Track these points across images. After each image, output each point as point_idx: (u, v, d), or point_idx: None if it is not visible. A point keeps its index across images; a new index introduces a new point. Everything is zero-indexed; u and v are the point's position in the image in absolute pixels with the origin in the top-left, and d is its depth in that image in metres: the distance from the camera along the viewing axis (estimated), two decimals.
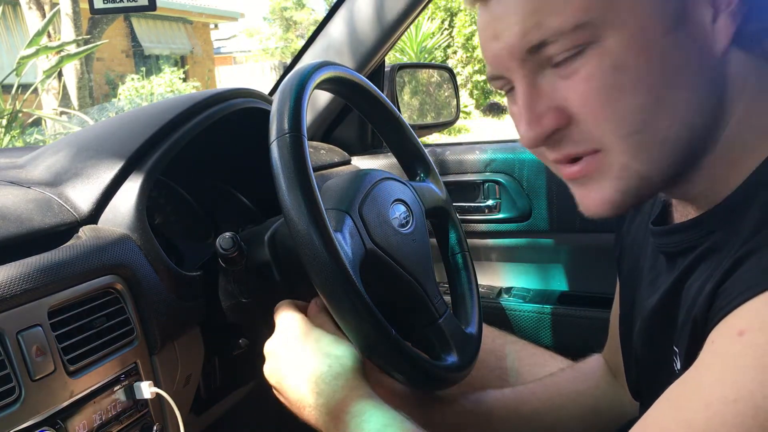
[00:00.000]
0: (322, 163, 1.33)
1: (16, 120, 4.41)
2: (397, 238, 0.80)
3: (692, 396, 0.43)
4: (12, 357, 0.62)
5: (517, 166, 1.28)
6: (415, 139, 0.98)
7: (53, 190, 0.84)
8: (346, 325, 0.69)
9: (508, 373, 0.96)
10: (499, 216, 1.31)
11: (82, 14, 6.29)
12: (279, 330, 0.75)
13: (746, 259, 0.44)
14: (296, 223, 0.66)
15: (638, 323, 0.66)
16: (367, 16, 1.32)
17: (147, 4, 1.07)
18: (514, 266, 1.35)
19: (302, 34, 21.20)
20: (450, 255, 0.96)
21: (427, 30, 10.29)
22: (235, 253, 0.81)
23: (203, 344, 0.92)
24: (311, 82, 0.76)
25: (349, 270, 0.67)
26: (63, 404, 0.66)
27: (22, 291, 0.64)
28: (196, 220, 1.08)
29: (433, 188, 0.95)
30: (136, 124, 0.94)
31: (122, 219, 0.81)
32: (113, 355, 0.73)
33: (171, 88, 9.95)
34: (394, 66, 1.49)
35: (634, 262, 0.70)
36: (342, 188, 0.81)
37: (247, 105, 1.02)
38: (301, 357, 0.70)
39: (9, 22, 9.08)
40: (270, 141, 0.70)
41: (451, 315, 0.84)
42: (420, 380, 0.76)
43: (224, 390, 1.04)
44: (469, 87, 10.97)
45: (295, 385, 0.70)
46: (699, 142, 0.49)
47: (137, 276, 0.78)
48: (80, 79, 6.37)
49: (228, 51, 22.19)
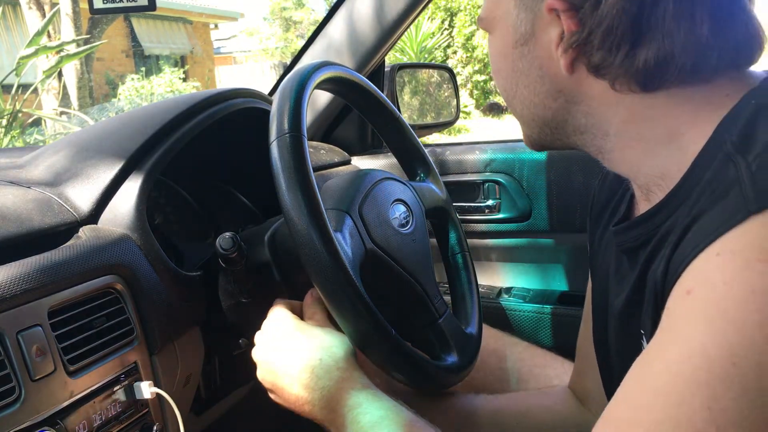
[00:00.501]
0: (322, 163, 1.33)
1: (16, 120, 4.41)
2: (397, 238, 0.80)
3: (654, 362, 0.44)
4: (12, 357, 0.62)
5: (517, 166, 1.28)
6: (415, 139, 0.98)
7: (53, 190, 0.84)
8: (345, 325, 0.69)
9: (509, 375, 0.96)
10: (499, 216, 1.31)
11: (82, 14, 6.29)
12: (265, 332, 0.75)
13: (692, 226, 0.47)
14: (296, 223, 0.66)
15: (611, 325, 0.66)
16: (367, 16, 1.32)
17: (147, 4, 1.07)
18: (514, 266, 1.35)
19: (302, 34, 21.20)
20: (450, 255, 0.96)
21: (427, 30, 10.28)
22: (235, 253, 0.81)
23: (203, 344, 0.92)
24: (311, 82, 0.76)
25: (349, 270, 0.67)
26: (63, 404, 0.66)
27: (22, 291, 0.64)
28: (196, 220, 1.08)
29: (433, 188, 0.95)
30: (136, 124, 0.94)
31: (122, 219, 0.81)
32: (113, 355, 0.73)
33: (171, 88, 9.95)
34: (394, 66, 1.49)
35: (605, 268, 0.71)
36: (342, 188, 0.81)
37: (247, 105, 1.02)
38: (291, 354, 0.70)
39: (9, 22, 9.08)
40: (270, 141, 0.70)
41: (451, 315, 0.84)
42: (420, 380, 0.76)
43: (224, 390, 1.04)
44: (469, 87, 10.98)
45: (288, 383, 0.70)
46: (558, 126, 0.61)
47: (137, 276, 0.78)
48: (80, 79, 6.37)
49: (228, 51, 22.19)
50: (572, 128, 0.60)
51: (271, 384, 0.73)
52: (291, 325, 0.73)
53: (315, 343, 0.70)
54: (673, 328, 0.44)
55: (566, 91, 0.58)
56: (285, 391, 0.70)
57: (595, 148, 0.61)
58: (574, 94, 0.57)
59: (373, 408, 0.64)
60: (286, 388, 0.70)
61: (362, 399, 0.66)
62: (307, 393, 0.68)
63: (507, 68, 0.61)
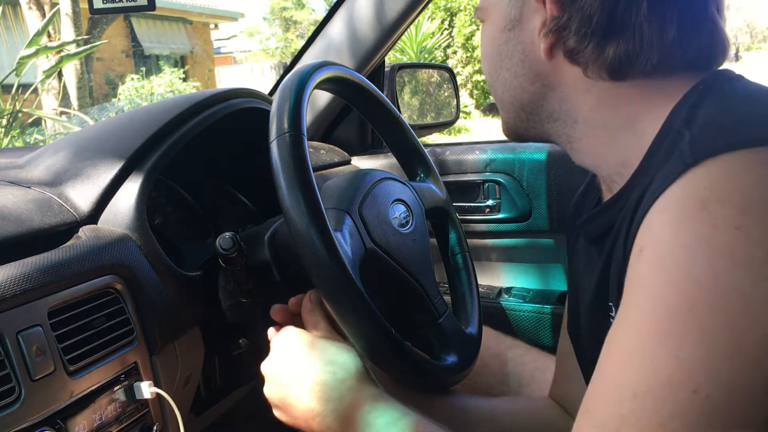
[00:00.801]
0: (322, 163, 1.33)
1: (16, 120, 4.41)
2: (397, 238, 0.80)
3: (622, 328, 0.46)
4: (12, 357, 0.62)
5: (517, 166, 1.28)
6: (415, 139, 0.98)
7: (53, 190, 0.84)
8: (346, 325, 0.69)
9: (510, 379, 0.96)
10: (499, 216, 1.31)
11: (82, 14, 6.29)
12: (276, 348, 0.74)
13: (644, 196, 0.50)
14: (296, 223, 0.66)
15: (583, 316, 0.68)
16: (367, 17, 1.32)
17: (147, 4, 1.07)
18: (514, 266, 1.35)
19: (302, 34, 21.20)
20: (450, 255, 0.96)
21: (427, 30, 10.28)
22: (235, 253, 0.81)
23: (203, 344, 0.92)
24: (311, 82, 0.76)
25: (349, 270, 0.67)
26: (63, 404, 0.66)
27: (22, 291, 0.64)
28: (196, 220, 1.08)
29: (433, 188, 0.95)
30: (136, 124, 0.94)
31: (122, 219, 0.81)
32: (113, 355, 0.73)
33: (171, 88, 9.95)
34: (394, 66, 1.49)
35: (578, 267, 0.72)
36: (342, 188, 0.81)
37: (247, 105, 1.02)
38: (303, 369, 0.70)
39: (9, 22, 9.08)
40: (270, 140, 0.70)
41: (451, 315, 0.84)
42: (420, 380, 0.76)
43: (224, 390, 1.04)
44: (469, 87, 10.97)
45: (298, 397, 0.69)
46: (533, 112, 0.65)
47: (137, 276, 0.78)
48: (80, 79, 6.37)
49: (228, 51, 22.19)
50: (546, 114, 0.64)
51: (280, 399, 0.71)
52: (304, 340, 0.72)
53: (327, 357, 0.70)
54: (634, 288, 0.46)
55: (543, 76, 0.62)
56: (294, 405, 0.69)
57: (565, 137, 0.64)
58: (551, 79, 0.62)
59: (389, 410, 0.65)
60: (296, 402, 0.69)
61: (377, 404, 0.66)
62: (320, 405, 0.67)
63: (493, 52, 0.65)
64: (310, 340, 0.72)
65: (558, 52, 0.60)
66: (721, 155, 0.45)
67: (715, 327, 0.41)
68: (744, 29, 30.76)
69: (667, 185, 0.46)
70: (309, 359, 0.70)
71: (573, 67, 0.59)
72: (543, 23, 0.59)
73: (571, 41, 0.57)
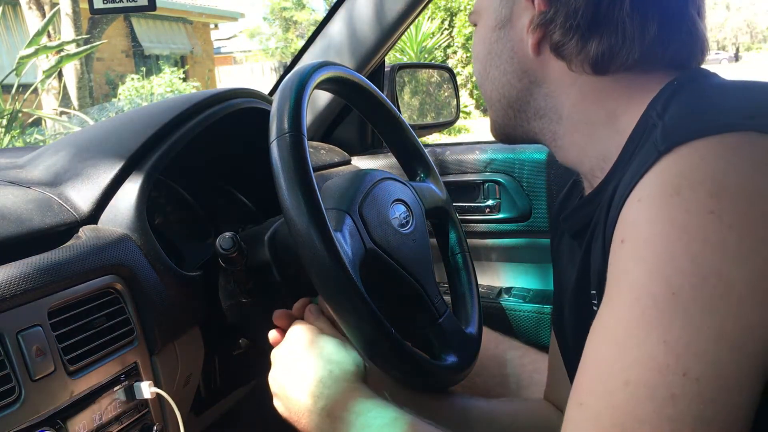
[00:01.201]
0: (322, 163, 1.33)
1: (16, 120, 4.41)
2: (397, 238, 0.80)
3: (606, 318, 0.47)
4: (12, 357, 0.62)
5: (517, 166, 1.28)
6: (415, 139, 0.98)
7: (53, 190, 0.84)
8: (346, 325, 0.69)
9: (510, 381, 0.96)
10: (499, 216, 1.31)
11: (82, 14, 6.29)
12: (287, 338, 0.75)
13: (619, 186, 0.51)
14: (296, 222, 0.66)
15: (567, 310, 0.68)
16: (367, 17, 1.32)
17: (147, 4, 1.07)
18: (514, 266, 1.35)
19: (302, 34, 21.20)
20: (450, 255, 0.96)
21: (427, 30, 10.28)
22: (235, 253, 0.81)
23: (203, 344, 0.92)
24: (311, 82, 0.76)
25: (349, 270, 0.67)
26: (63, 404, 0.66)
27: (22, 291, 0.64)
28: (196, 220, 1.08)
29: (433, 188, 0.95)
30: (136, 124, 0.94)
31: (122, 219, 0.81)
32: (113, 355, 0.73)
33: (171, 88, 9.95)
34: (394, 66, 1.49)
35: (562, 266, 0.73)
36: (342, 188, 0.81)
37: (247, 105, 1.02)
38: (304, 365, 0.70)
39: (9, 22, 9.07)
40: (270, 140, 0.70)
41: (451, 315, 0.84)
42: (420, 380, 0.76)
43: (224, 390, 1.04)
44: (469, 87, 10.97)
45: (294, 391, 0.70)
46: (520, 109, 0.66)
47: (137, 276, 0.78)
48: (80, 79, 6.37)
49: (228, 51, 22.19)
50: (533, 111, 0.66)
51: (280, 387, 0.72)
52: (310, 337, 0.73)
53: (327, 356, 0.70)
54: (617, 279, 0.47)
55: (531, 72, 0.64)
56: (289, 399, 0.70)
57: (550, 134, 0.66)
58: (538, 75, 0.64)
59: (384, 413, 0.65)
60: (291, 395, 0.70)
61: (371, 405, 0.66)
62: (311, 400, 0.68)
63: (484, 51, 0.68)
64: (317, 337, 0.73)
65: (545, 48, 0.62)
66: (692, 142, 0.46)
67: (698, 310, 0.42)
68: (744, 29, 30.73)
69: (641, 174, 0.47)
70: (311, 355, 0.71)
71: (558, 62, 0.61)
72: (531, 20, 0.61)
73: (556, 35, 0.60)
